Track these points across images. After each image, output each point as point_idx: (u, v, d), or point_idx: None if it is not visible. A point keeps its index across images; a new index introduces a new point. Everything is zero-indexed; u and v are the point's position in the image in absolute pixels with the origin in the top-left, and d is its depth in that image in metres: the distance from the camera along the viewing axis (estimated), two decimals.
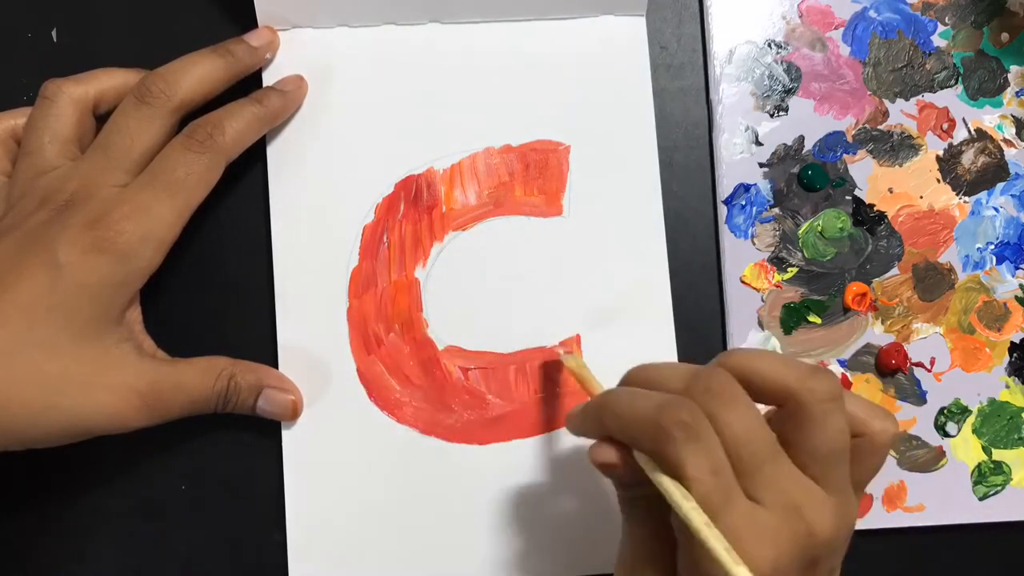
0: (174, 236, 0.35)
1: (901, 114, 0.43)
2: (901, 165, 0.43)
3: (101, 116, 0.37)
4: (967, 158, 0.43)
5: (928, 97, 0.43)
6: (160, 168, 0.35)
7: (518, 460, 0.40)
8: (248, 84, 0.39)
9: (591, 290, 0.41)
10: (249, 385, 0.37)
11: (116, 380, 0.34)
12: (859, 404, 0.31)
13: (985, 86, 0.43)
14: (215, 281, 0.40)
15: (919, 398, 0.42)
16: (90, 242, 0.33)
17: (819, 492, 0.29)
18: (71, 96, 0.36)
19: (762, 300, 0.42)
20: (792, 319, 0.42)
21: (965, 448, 0.42)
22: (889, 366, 0.41)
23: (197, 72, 0.37)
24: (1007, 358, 0.42)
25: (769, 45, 0.43)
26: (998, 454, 0.42)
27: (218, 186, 0.37)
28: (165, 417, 0.36)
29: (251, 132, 0.38)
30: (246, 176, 0.40)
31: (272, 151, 0.40)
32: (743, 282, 0.42)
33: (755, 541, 0.28)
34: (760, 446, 0.29)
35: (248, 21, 0.40)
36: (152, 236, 0.34)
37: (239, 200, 0.40)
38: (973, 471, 0.42)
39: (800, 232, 0.42)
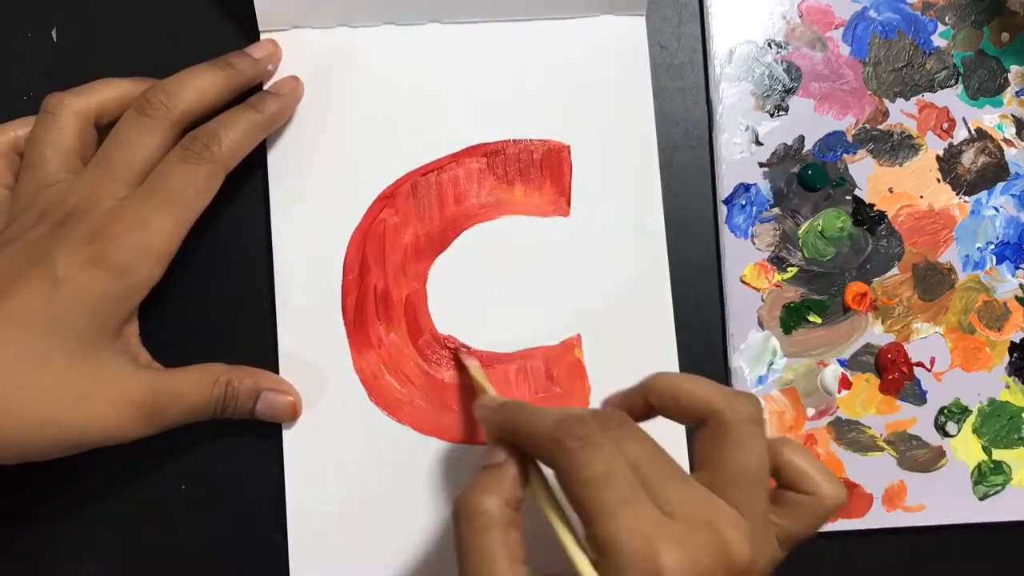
0: (174, 249, 0.35)
1: (901, 114, 0.43)
2: (901, 165, 0.43)
3: (104, 128, 0.37)
4: (967, 158, 0.43)
5: (928, 97, 0.43)
6: (159, 181, 0.35)
7: None
8: (250, 94, 0.39)
9: (591, 290, 0.41)
10: (247, 390, 0.37)
11: (114, 392, 0.34)
12: (814, 464, 0.32)
13: (985, 86, 0.43)
14: (215, 283, 0.40)
15: (919, 398, 0.42)
16: (89, 256, 0.33)
17: (734, 513, 0.28)
18: (73, 109, 0.36)
19: (762, 300, 0.42)
20: (792, 319, 0.42)
21: (965, 448, 0.42)
22: (888, 364, 0.41)
23: (198, 85, 0.37)
24: (1007, 358, 0.42)
25: (769, 45, 0.43)
26: (998, 454, 0.42)
27: (219, 189, 0.37)
28: (163, 427, 0.36)
29: (249, 140, 0.37)
30: (246, 178, 0.40)
31: (272, 152, 0.40)
32: (743, 282, 0.42)
33: (664, 542, 0.26)
34: (663, 465, 0.29)
35: (248, 21, 0.40)
36: (151, 250, 0.34)
37: (239, 203, 0.40)
38: (973, 471, 0.42)
39: (800, 232, 0.42)
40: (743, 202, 0.42)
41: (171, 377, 0.36)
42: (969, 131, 0.43)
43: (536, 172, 0.41)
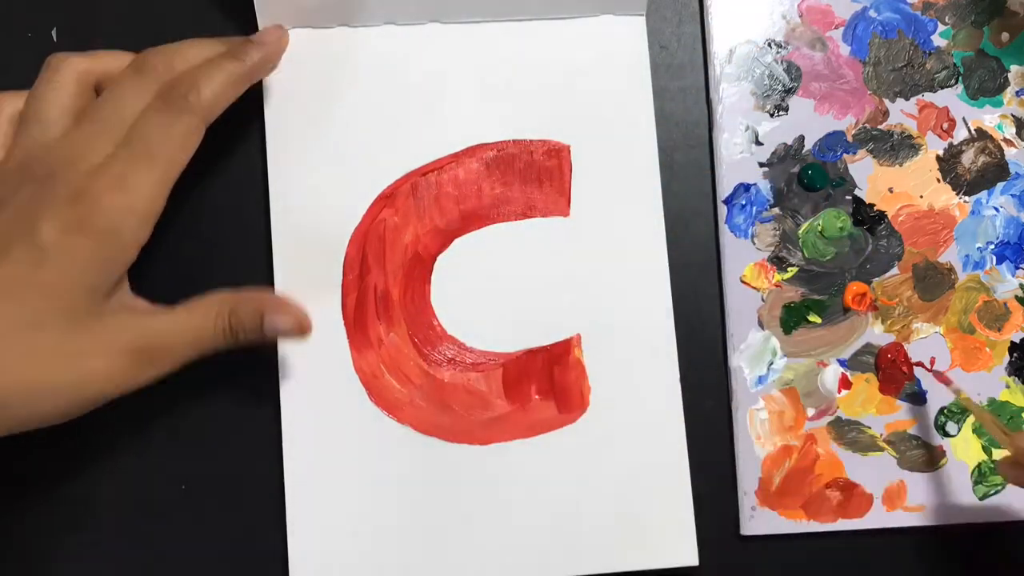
0: (158, 207, 0.34)
1: (901, 114, 0.43)
2: (901, 165, 0.43)
3: None
4: (967, 158, 0.43)
5: (928, 97, 0.43)
6: (136, 136, 0.34)
7: (518, 460, 0.40)
8: (253, 90, 0.39)
9: (591, 290, 0.41)
10: (249, 313, 0.36)
11: (111, 346, 0.34)
12: None
13: (985, 86, 0.43)
14: (215, 280, 0.40)
15: (919, 398, 0.42)
16: (72, 220, 0.33)
17: None
18: (75, 68, 0.36)
19: (762, 300, 0.42)
20: (792, 319, 0.42)
21: (965, 448, 0.42)
22: (888, 363, 0.41)
23: (196, 53, 0.36)
24: (1007, 358, 0.42)
25: (769, 45, 0.43)
26: (998, 454, 0.42)
27: (218, 185, 0.37)
28: (172, 367, 0.35)
29: (230, 91, 0.36)
30: (246, 178, 0.40)
31: (272, 152, 0.40)
32: (743, 282, 0.42)
33: None
34: None
35: (248, 21, 0.40)
36: (134, 209, 0.34)
37: (239, 199, 0.40)
38: (973, 471, 0.42)
39: (800, 232, 0.42)
40: (743, 202, 0.42)
41: (170, 317, 0.35)
42: (969, 131, 0.43)
43: (536, 172, 0.41)
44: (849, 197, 0.42)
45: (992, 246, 0.43)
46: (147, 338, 0.34)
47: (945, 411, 0.42)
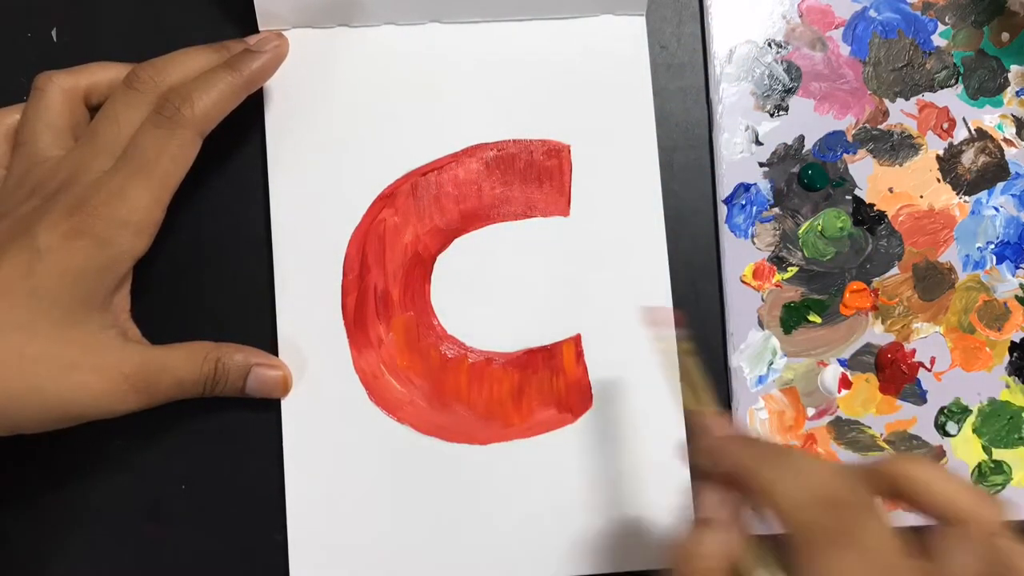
0: (155, 219, 0.35)
1: (901, 114, 0.43)
2: (901, 165, 0.43)
3: (95, 108, 0.37)
4: (967, 158, 0.43)
5: (928, 97, 0.43)
6: (133, 151, 0.35)
7: (518, 460, 0.40)
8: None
9: (591, 290, 0.41)
10: (237, 365, 0.37)
11: (102, 363, 0.34)
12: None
13: (985, 85, 0.43)
14: (215, 282, 0.40)
15: (919, 398, 0.42)
16: (70, 227, 0.33)
17: None
18: (61, 86, 0.36)
19: (762, 300, 0.42)
20: (792, 318, 0.42)
21: (965, 448, 0.42)
22: (888, 363, 0.41)
23: (189, 63, 0.36)
24: (1007, 357, 0.42)
25: (769, 45, 0.43)
26: (998, 454, 0.42)
27: (218, 185, 0.37)
28: (153, 400, 0.35)
29: (225, 102, 0.36)
30: (246, 175, 0.40)
31: (272, 152, 0.40)
32: (743, 282, 0.42)
33: None
34: (903, 566, 0.28)
35: (248, 21, 0.40)
36: (130, 221, 0.34)
37: (239, 200, 0.40)
38: (973, 471, 0.42)
39: (800, 232, 0.42)
40: (743, 202, 0.42)
41: (161, 351, 0.36)
42: (969, 131, 0.43)
43: (536, 172, 0.41)
44: (849, 197, 0.42)
45: (992, 246, 0.43)
46: (139, 366, 0.35)
47: (945, 411, 0.42)
